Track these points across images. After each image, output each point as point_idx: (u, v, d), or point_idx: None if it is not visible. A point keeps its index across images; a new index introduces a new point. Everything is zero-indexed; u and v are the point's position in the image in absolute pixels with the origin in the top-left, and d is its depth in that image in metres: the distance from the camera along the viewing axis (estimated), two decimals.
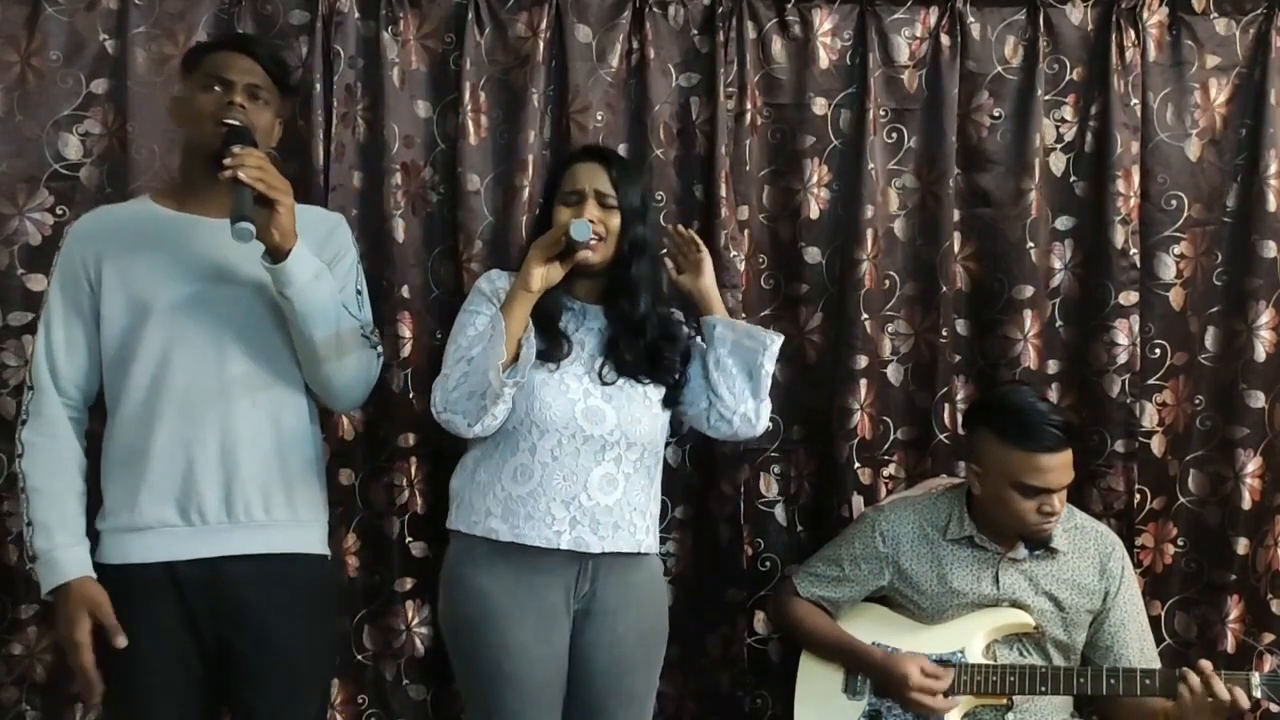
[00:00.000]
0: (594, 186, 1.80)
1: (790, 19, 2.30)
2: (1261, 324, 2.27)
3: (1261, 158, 2.26)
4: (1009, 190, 2.29)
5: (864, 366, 2.29)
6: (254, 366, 1.71)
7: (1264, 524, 2.29)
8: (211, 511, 1.68)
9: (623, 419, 1.79)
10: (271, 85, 1.78)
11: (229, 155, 1.59)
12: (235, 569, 1.68)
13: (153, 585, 1.66)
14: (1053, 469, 1.89)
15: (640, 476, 1.82)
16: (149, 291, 1.68)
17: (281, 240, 1.61)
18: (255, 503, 1.70)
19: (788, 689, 2.09)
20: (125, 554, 1.68)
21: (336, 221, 1.90)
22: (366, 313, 1.84)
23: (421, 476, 2.27)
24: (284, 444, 1.73)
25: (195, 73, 1.76)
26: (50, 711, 2.24)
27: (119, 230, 1.74)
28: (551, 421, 1.75)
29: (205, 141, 1.69)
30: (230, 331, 1.70)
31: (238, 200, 1.58)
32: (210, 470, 1.67)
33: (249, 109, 1.72)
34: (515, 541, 1.73)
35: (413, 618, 2.28)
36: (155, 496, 1.67)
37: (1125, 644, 1.98)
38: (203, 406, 1.68)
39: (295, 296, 1.64)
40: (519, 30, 2.26)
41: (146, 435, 1.67)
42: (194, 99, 1.73)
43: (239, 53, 1.76)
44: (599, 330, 1.85)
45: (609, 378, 1.81)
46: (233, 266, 1.70)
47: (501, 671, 1.72)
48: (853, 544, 2.09)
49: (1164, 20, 2.30)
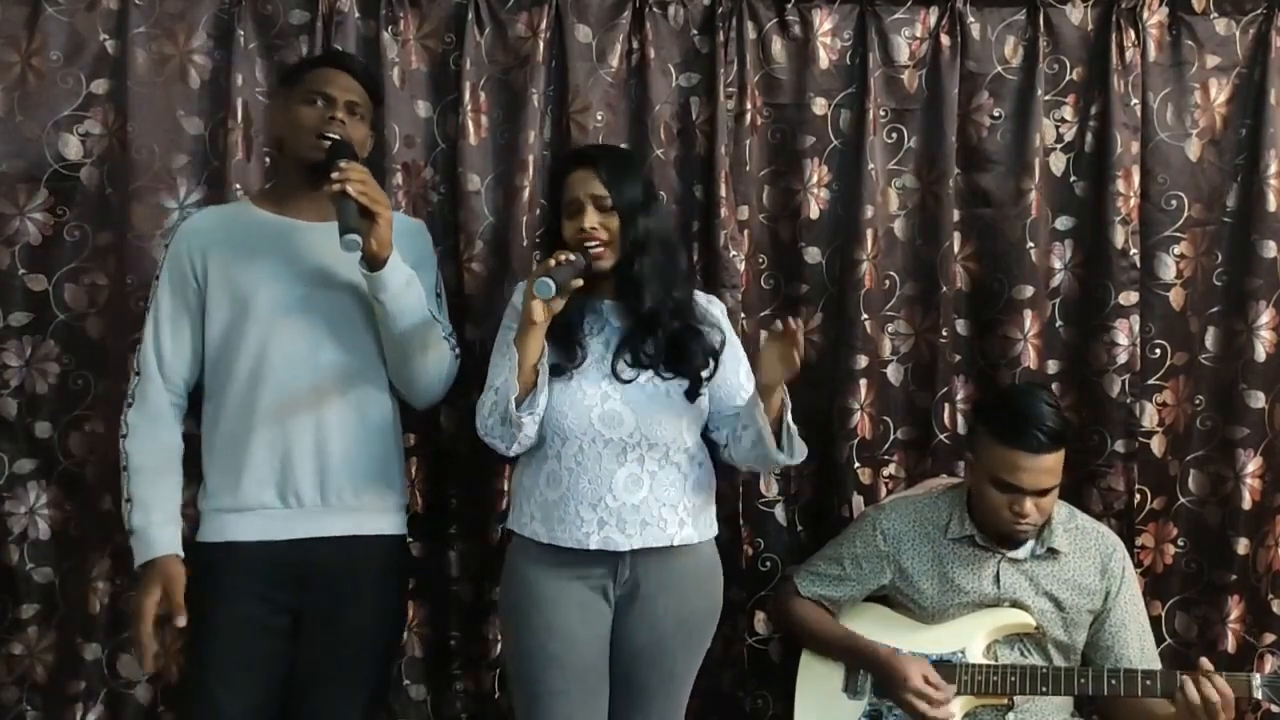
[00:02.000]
0: (588, 192, 1.82)
1: (790, 19, 2.30)
2: (1261, 324, 2.27)
3: (1261, 158, 2.26)
4: (1009, 190, 2.29)
5: (864, 366, 2.29)
6: (345, 363, 1.83)
7: (1264, 524, 2.29)
8: (308, 495, 1.80)
9: (641, 420, 1.80)
10: (367, 100, 1.91)
11: (335, 169, 1.71)
12: (326, 550, 1.81)
13: (250, 563, 1.79)
14: (1027, 469, 1.88)
15: (669, 473, 1.83)
16: (250, 290, 1.81)
17: (380, 249, 1.72)
18: (346, 487, 1.82)
19: (788, 689, 2.09)
20: (227, 533, 1.80)
21: (419, 228, 2.02)
22: (445, 315, 1.94)
23: (421, 476, 2.27)
24: (370, 435, 1.85)
25: (297, 87, 1.86)
26: (50, 711, 2.24)
27: (224, 231, 1.86)
28: (570, 429, 1.79)
29: (306, 153, 1.82)
30: (324, 330, 1.82)
31: (344, 212, 1.68)
32: (306, 458, 1.80)
33: (348, 124, 1.83)
34: (552, 544, 1.79)
35: (413, 618, 2.28)
36: (256, 480, 1.79)
37: (1126, 644, 1.98)
38: (298, 399, 1.79)
39: (389, 301, 1.76)
40: (519, 30, 2.26)
41: (247, 423, 1.79)
42: (296, 112, 1.83)
43: (339, 69, 1.88)
44: (620, 327, 1.86)
45: (625, 375, 1.82)
46: (329, 270, 1.82)
47: (546, 652, 1.78)
48: (854, 543, 2.09)
49: (1164, 20, 2.30)
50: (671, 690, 1.89)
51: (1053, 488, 1.92)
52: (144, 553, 1.76)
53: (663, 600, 1.83)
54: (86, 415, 2.23)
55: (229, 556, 1.79)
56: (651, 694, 1.86)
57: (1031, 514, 1.91)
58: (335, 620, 1.81)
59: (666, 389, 1.83)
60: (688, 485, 1.86)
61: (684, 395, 1.85)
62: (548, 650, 1.78)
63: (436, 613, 2.31)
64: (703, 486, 1.90)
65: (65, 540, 2.24)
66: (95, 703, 2.24)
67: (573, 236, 1.81)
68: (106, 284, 2.22)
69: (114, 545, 2.21)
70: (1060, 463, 1.91)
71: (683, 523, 1.84)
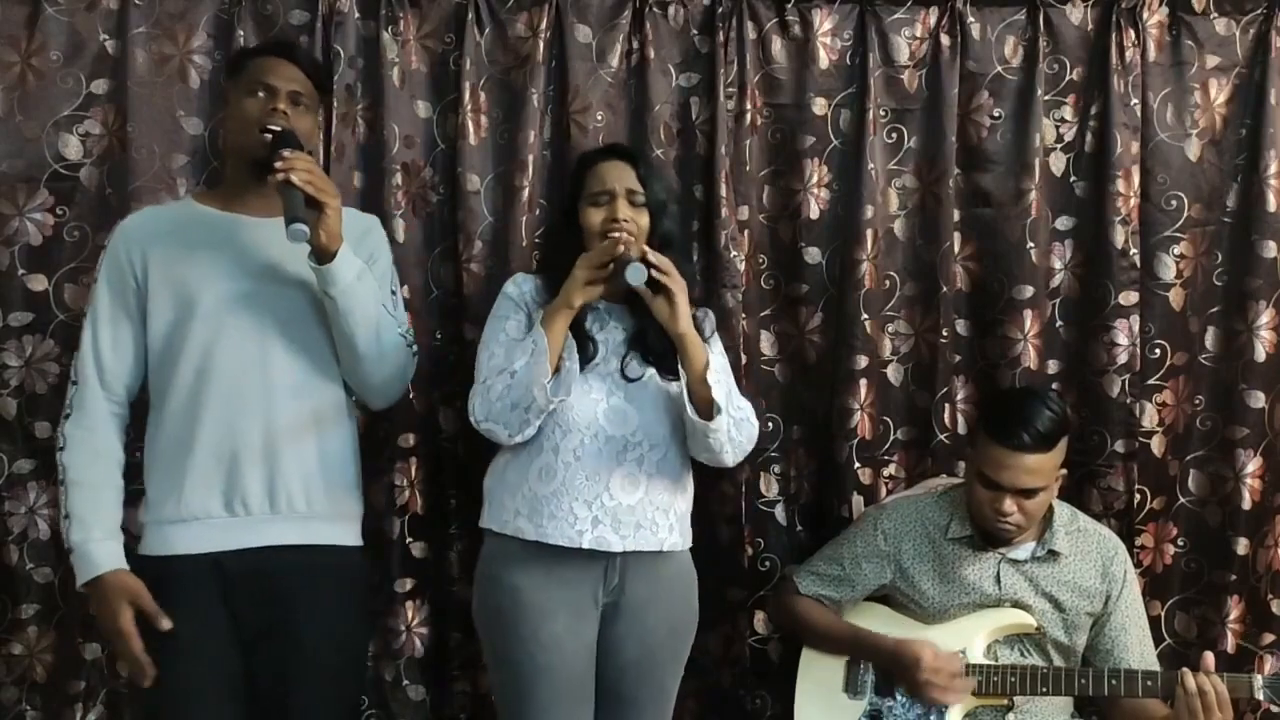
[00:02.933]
0: (624, 185, 1.82)
1: (790, 19, 2.30)
2: (1261, 324, 2.27)
3: (1261, 158, 2.26)
4: (1009, 190, 2.29)
5: (864, 366, 2.29)
6: (296, 362, 1.75)
7: (1264, 524, 2.29)
8: (255, 503, 1.72)
9: (645, 420, 1.80)
10: (312, 90, 1.84)
11: (279, 159, 1.65)
12: (278, 559, 1.72)
13: (196, 576, 1.70)
14: (1008, 467, 1.88)
15: (664, 476, 1.82)
16: (195, 289, 1.73)
17: (329, 242, 1.66)
18: (297, 494, 1.74)
19: (788, 688, 2.09)
20: (170, 545, 1.72)
21: (372, 223, 1.95)
22: (401, 312, 1.89)
23: (421, 476, 2.26)
24: (324, 437, 1.78)
25: (239, 78, 1.80)
26: (50, 711, 2.24)
27: (165, 229, 1.79)
28: (575, 422, 1.77)
29: (250, 146, 1.75)
30: (273, 328, 1.74)
31: (290, 202, 1.63)
32: (254, 463, 1.72)
33: (292, 114, 1.77)
34: (540, 540, 1.76)
35: (413, 618, 2.28)
36: (200, 488, 1.71)
37: (1126, 647, 1.98)
38: (246, 401, 1.72)
39: (339, 296, 1.69)
40: (519, 30, 2.25)
41: (192, 429, 1.71)
42: (239, 104, 1.78)
43: (281, 59, 1.81)
44: (622, 329, 1.86)
45: (633, 373, 1.82)
46: (277, 265, 1.75)
47: (535, 664, 1.74)
48: (854, 543, 2.09)
49: (1164, 20, 2.30)
50: (660, 705, 1.88)
51: (1037, 489, 1.90)
52: (87, 571, 1.67)
53: (652, 611, 1.82)
54: None
55: (174, 570, 1.69)
56: (642, 708, 1.85)
57: (1012, 513, 1.90)
58: (296, 636, 1.71)
59: (669, 389, 1.83)
60: (678, 490, 1.85)
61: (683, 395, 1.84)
62: (537, 661, 1.74)
63: (436, 613, 2.31)
64: (689, 493, 1.90)
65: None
66: (95, 703, 2.24)
67: (602, 225, 1.80)
68: None
69: None
70: (1047, 466, 1.90)
71: (672, 528, 1.84)
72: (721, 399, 1.74)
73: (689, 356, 1.75)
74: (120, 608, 1.66)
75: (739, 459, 1.86)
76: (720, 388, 1.75)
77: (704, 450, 1.81)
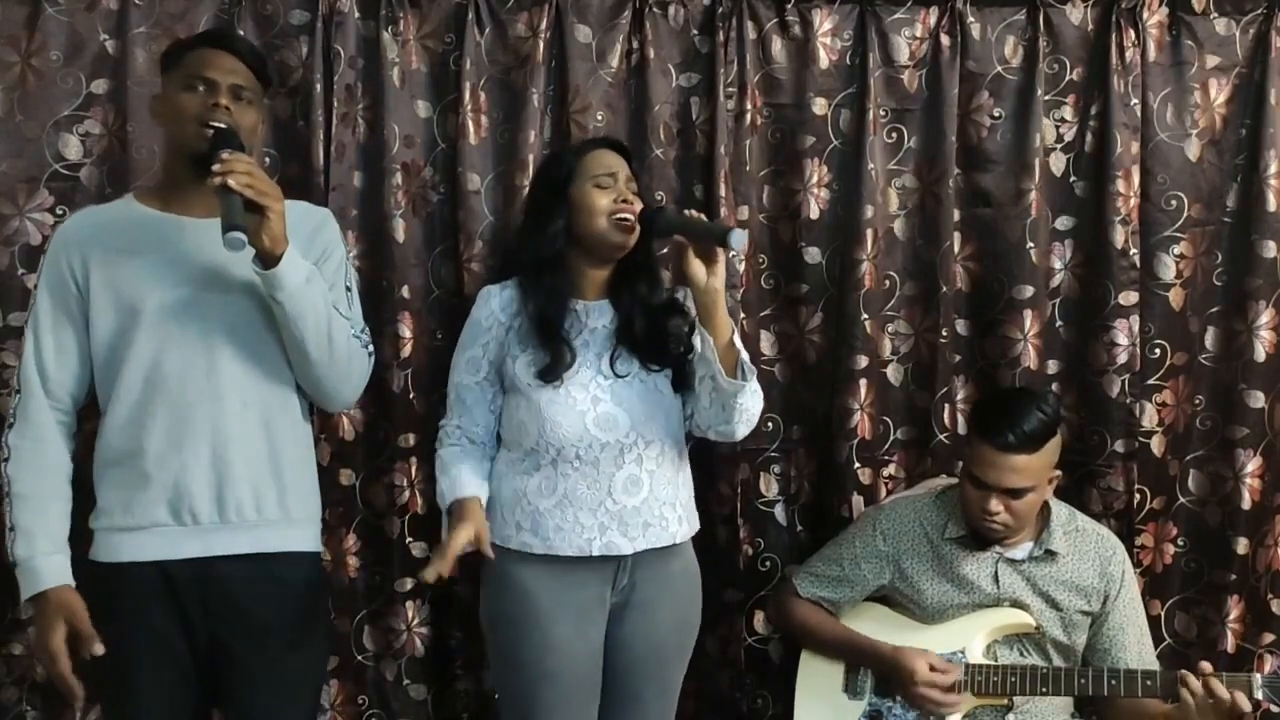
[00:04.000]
0: (626, 174, 1.83)
1: (790, 19, 2.30)
2: (1261, 324, 2.27)
3: (1261, 158, 2.26)
4: (1009, 190, 2.29)
5: (864, 366, 2.29)
6: (244, 368, 1.71)
7: (1264, 524, 2.29)
8: (203, 512, 1.68)
9: (635, 419, 1.79)
10: (255, 82, 1.76)
11: (217, 160, 1.58)
12: (227, 568, 1.69)
13: (146, 584, 1.67)
14: (994, 466, 1.88)
15: (665, 470, 1.82)
16: (137, 295, 1.68)
17: (272, 246, 1.60)
18: (246, 503, 1.70)
19: (787, 689, 2.10)
20: (118, 553, 1.69)
21: (324, 217, 1.87)
22: (357, 311, 1.83)
23: (421, 477, 2.26)
24: (275, 444, 1.73)
25: (175, 71, 1.73)
26: (50, 711, 2.25)
27: (105, 233, 1.73)
28: (565, 438, 1.76)
29: (189, 143, 1.68)
30: (220, 334, 1.69)
31: (228, 208, 1.56)
32: (201, 471, 1.68)
33: (234, 109, 1.70)
34: (548, 554, 1.76)
35: (413, 618, 2.29)
36: (148, 497, 1.68)
37: (1124, 647, 1.98)
38: (194, 408, 1.68)
39: (286, 301, 1.64)
40: (519, 30, 2.25)
41: (139, 437, 1.68)
42: (176, 99, 1.70)
43: (220, 50, 1.73)
44: (604, 326, 1.84)
45: (621, 369, 1.81)
46: (220, 269, 1.69)
47: (543, 667, 1.75)
48: (853, 543, 2.09)
49: (1164, 20, 2.29)
50: (665, 701, 1.88)
51: (1024, 490, 1.90)
52: (31, 585, 1.63)
53: (660, 608, 1.82)
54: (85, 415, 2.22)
55: (124, 578, 1.67)
56: (647, 704, 1.85)
57: (999, 513, 1.91)
58: (251, 650, 1.69)
59: (654, 382, 1.83)
60: (680, 480, 1.86)
61: (670, 386, 1.85)
62: (545, 665, 1.75)
63: (436, 613, 2.31)
64: (689, 479, 1.91)
65: None
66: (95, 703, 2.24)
67: (610, 207, 1.78)
68: None
69: None
70: (1033, 467, 1.89)
71: (680, 519, 1.84)
72: (747, 362, 1.75)
73: (720, 320, 1.70)
74: (55, 625, 1.63)
75: (746, 432, 1.82)
76: (744, 353, 1.76)
77: (722, 421, 1.77)
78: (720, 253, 1.68)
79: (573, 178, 1.82)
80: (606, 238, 1.79)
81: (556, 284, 1.80)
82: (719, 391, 1.73)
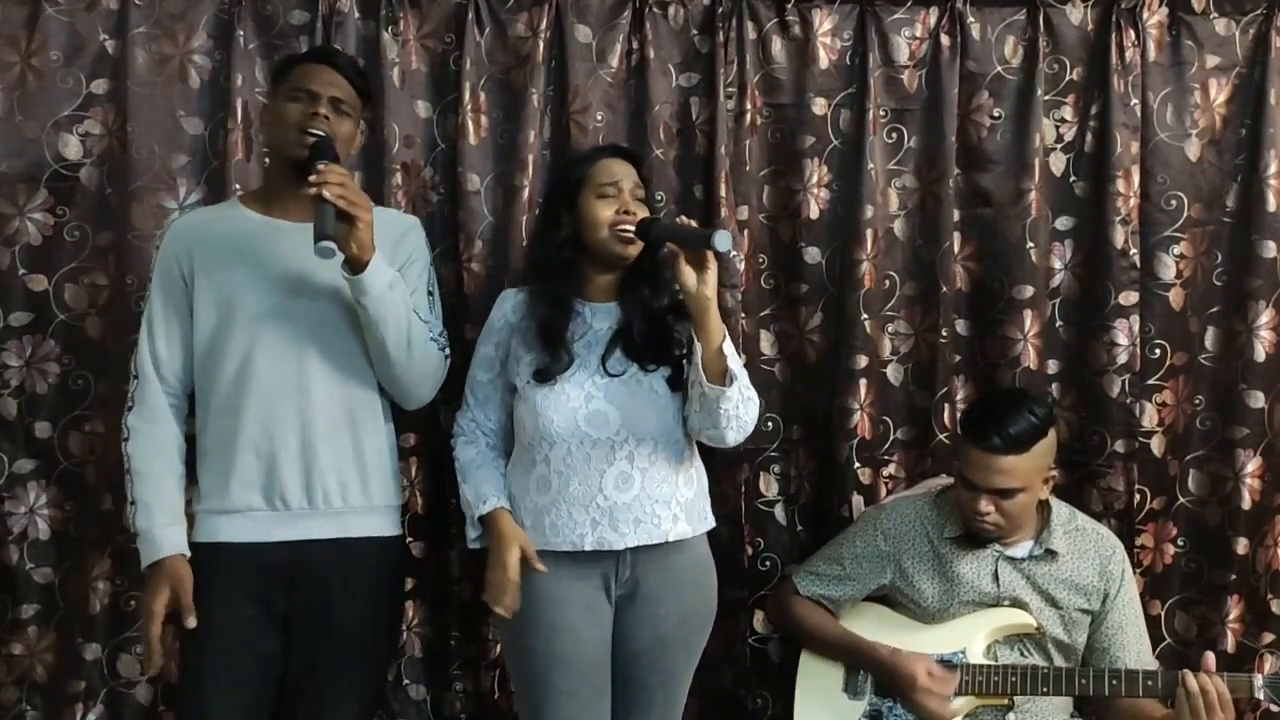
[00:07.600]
0: (633, 181, 1.86)
1: (790, 19, 2.30)
2: (1261, 324, 2.27)
3: (1261, 158, 2.26)
4: (1009, 190, 2.29)
5: (864, 366, 2.29)
6: (330, 367, 1.82)
7: (1264, 524, 2.29)
8: (294, 498, 1.81)
9: (627, 418, 1.81)
10: (354, 97, 1.89)
11: (314, 170, 1.70)
12: (314, 551, 1.81)
13: (238, 563, 1.80)
14: (982, 467, 1.89)
15: (660, 468, 1.83)
16: (234, 297, 1.81)
17: (360, 253, 1.71)
18: (333, 491, 1.82)
19: (788, 688, 2.09)
20: (216, 533, 1.81)
21: (411, 225, 1.98)
22: (437, 315, 1.94)
23: (421, 476, 2.27)
24: (358, 436, 1.85)
25: (282, 83, 1.86)
26: (50, 711, 2.25)
27: (210, 232, 1.86)
28: (557, 434, 1.80)
29: (290, 150, 1.81)
30: (308, 336, 1.81)
31: (321, 217, 1.67)
32: (291, 461, 1.80)
33: (332, 120, 1.82)
34: (545, 549, 1.80)
35: (413, 618, 2.29)
36: (243, 484, 1.80)
37: (1123, 647, 1.98)
38: (283, 404, 1.80)
39: (370, 305, 1.75)
40: (519, 30, 2.25)
41: (234, 427, 1.80)
42: (281, 108, 1.83)
43: (323, 65, 1.87)
44: (608, 328, 1.87)
45: (615, 369, 1.82)
46: (311, 275, 1.81)
47: (552, 651, 1.79)
48: (854, 542, 2.09)
49: (1164, 20, 2.30)
50: (671, 691, 1.90)
51: (1013, 491, 1.90)
52: (150, 554, 1.77)
53: (664, 601, 1.84)
54: (86, 415, 2.23)
55: (220, 557, 1.80)
56: (652, 694, 1.87)
57: (989, 513, 1.92)
58: (326, 623, 1.80)
59: (649, 383, 1.84)
60: (679, 480, 1.86)
61: (667, 385, 1.85)
62: (554, 649, 1.79)
63: (436, 613, 2.31)
64: (694, 480, 1.90)
65: (65, 540, 2.24)
66: (95, 703, 2.24)
67: (611, 218, 1.81)
68: (106, 284, 2.22)
69: (114, 545, 2.22)
70: (1021, 468, 1.89)
71: (676, 518, 1.84)
72: (735, 369, 1.76)
73: (710, 326, 1.74)
74: (162, 590, 1.75)
75: (740, 439, 1.82)
76: (733, 359, 1.78)
77: (709, 425, 1.78)
78: (710, 260, 1.71)
79: (581, 187, 1.86)
80: (608, 248, 1.83)
81: (563, 291, 1.85)
82: (704, 397, 1.76)
